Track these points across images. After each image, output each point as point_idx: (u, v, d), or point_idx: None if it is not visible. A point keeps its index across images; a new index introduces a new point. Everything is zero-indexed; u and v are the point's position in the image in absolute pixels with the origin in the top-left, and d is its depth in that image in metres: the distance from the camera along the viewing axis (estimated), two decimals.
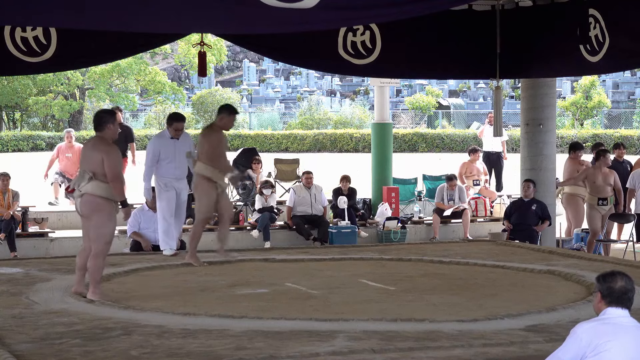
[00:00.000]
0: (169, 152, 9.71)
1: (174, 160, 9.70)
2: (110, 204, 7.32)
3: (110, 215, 7.34)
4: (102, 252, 7.33)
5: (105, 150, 7.31)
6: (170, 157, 9.69)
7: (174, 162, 9.70)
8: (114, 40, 9.87)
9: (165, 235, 9.81)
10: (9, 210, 11.97)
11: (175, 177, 9.76)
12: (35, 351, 5.56)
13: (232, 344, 5.69)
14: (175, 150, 9.72)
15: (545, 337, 5.86)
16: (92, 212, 7.31)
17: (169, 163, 9.69)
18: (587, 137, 28.53)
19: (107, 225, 7.33)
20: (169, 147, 9.72)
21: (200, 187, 9.07)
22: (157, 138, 9.93)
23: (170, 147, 9.72)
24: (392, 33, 10.69)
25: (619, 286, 4.33)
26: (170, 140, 9.74)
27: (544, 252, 10.23)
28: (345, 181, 13.94)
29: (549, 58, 10.76)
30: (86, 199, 7.30)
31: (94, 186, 7.27)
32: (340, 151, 30.37)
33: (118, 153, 7.45)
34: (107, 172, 7.23)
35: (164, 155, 9.70)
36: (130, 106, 33.66)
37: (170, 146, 9.72)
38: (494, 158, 16.70)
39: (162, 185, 9.74)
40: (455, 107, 40.52)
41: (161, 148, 9.72)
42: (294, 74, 50.48)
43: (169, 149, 9.71)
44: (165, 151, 9.70)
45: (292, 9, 6.24)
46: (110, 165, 7.25)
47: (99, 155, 7.28)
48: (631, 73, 44.15)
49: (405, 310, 6.82)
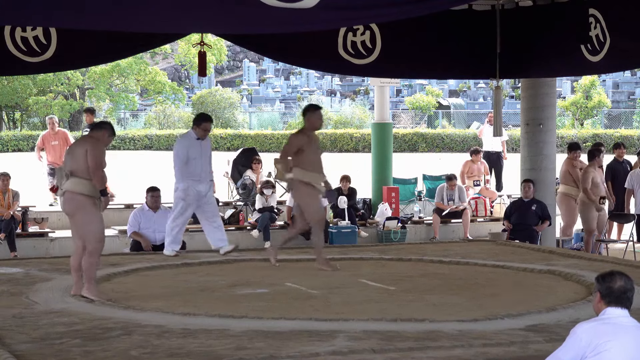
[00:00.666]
0: (196, 153, 9.61)
1: (200, 162, 9.59)
2: (91, 201, 7.28)
3: (94, 212, 7.31)
4: (96, 250, 7.32)
5: (91, 143, 7.32)
6: (196, 159, 9.58)
7: (199, 164, 9.58)
8: (114, 40, 9.87)
9: (169, 236, 9.73)
10: (9, 210, 11.98)
11: (198, 179, 9.60)
12: (35, 351, 5.56)
13: (232, 344, 5.69)
14: (201, 152, 9.63)
15: (545, 337, 5.86)
16: (75, 209, 7.30)
17: (194, 164, 9.57)
18: (587, 137, 28.52)
19: (93, 221, 7.30)
20: (195, 148, 9.62)
21: (303, 192, 8.81)
22: (184, 139, 9.80)
23: (196, 148, 9.62)
24: (392, 33, 10.69)
25: (618, 286, 4.33)
26: (197, 141, 9.63)
27: (544, 252, 10.23)
28: (345, 181, 13.94)
29: (549, 58, 10.76)
30: (67, 197, 7.31)
31: (74, 183, 7.27)
32: (340, 151, 30.35)
33: (103, 148, 7.41)
34: (90, 162, 7.20)
35: (190, 156, 9.58)
36: (130, 106, 33.66)
37: (197, 147, 9.62)
38: (494, 158, 16.70)
39: (185, 189, 9.59)
40: (455, 107, 40.51)
41: (189, 149, 9.61)
42: (294, 74, 50.46)
43: (196, 150, 9.62)
44: (192, 152, 9.60)
45: (292, 9, 6.24)
46: (94, 154, 7.24)
47: (83, 149, 7.29)
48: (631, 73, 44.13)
49: (405, 310, 6.82)
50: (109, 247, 11.70)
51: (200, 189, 9.63)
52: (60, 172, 7.45)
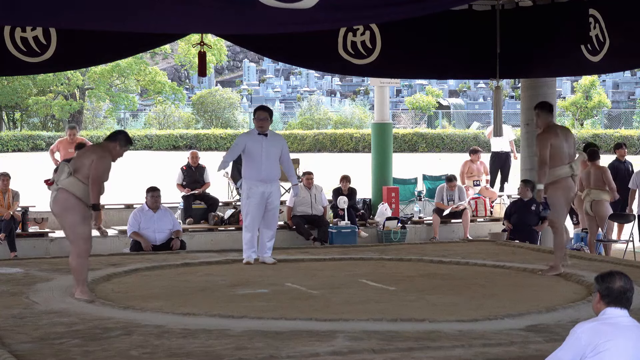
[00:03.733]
0: (256, 149, 9.19)
1: (261, 160, 9.21)
2: (82, 205, 7.27)
3: (84, 216, 7.29)
4: (84, 252, 7.32)
5: (100, 154, 7.31)
6: (256, 156, 9.20)
7: (260, 162, 9.21)
8: (114, 40, 9.86)
9: (246, 245, 9.39)
10: (9, 210, 11.98)
11: (261, 180, 9.25)
12: (35, 351, 5.57)
13: (232, 344, 5.69)
14: (262, 149, 9.22)
15: (545, 337, 5.86)
16: (65, 210, 7.27)
17: (255, 163, 9.21)
18: (587, 137, 28.52)
19: (81, 223, 7.29)
20: (255, 144, 9.20)
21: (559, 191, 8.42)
22: (245, 134, 9.55)
23: (257, 144, 9.20)
24: (392, 33, 10.69)
25: (617, 286, 4.33)
26: (258, 137, 9.25)
27: (544, 252, 10.23)
28: (345, 181, 13.94)
29: (549, 58, 10.76)
30: (60, 195, 7.28)
31: (71, 182, 7.25)
32: (340, 151, 30.37)
33: (110, 162, 7.38)
34: (92, 172, 7.19)
35: (249, 152, 9.21)
36: (130, 106, 33.66)
37: (257, 143, 9.21)
38: (503, 158, 16.54)
39: (248, 190, 9.30)
40: (455, 107, 40.51)
41: (247, 142, 9.22)
42: (294, 74, 50.46)
43: (256, 146, 9.19)
44: (251, 147, 9.19)
45: (292, 9, 6.24)
46: (98, 167, 7.23)
47: (92, 156, 7.29)
48: (631, 73, 44.11)
49: (405, 310, 6.83)
50: (109, 247, 11.75)
51: (262, 190, 9.23)
52: (62, 167, 7.39)
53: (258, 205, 9.32)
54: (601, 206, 11.97)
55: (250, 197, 9.31)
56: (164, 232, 10.91)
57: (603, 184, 11.93)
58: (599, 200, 11.96)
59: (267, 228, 9.44)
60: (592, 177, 12.00)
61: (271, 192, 9.34)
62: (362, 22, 9.80)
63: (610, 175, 11.99)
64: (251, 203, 9.32)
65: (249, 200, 9.33)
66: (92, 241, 7.49)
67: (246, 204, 9.42)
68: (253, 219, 9.35)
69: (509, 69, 11.03)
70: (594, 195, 11.99)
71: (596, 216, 12.01)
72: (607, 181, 11.93)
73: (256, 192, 9.29)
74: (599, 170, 11.99)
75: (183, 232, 11.44)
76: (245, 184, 9.37)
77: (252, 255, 9.38)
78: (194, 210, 13.51)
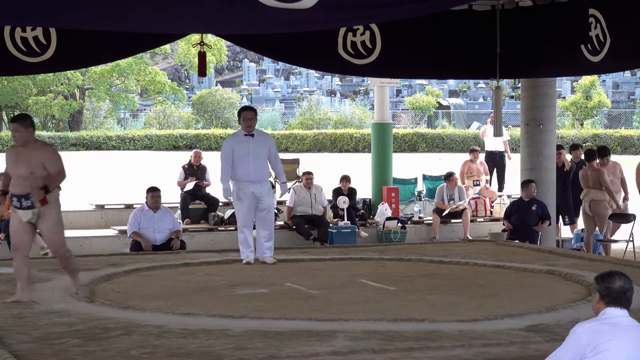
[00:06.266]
0: (243, 151, 9.16)
1: (249, 161, 9.16)
2: None
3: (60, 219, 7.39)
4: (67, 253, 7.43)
5: None
6: (244, 157, 9.15)
7: (249, 163, 9.16)
8: (114, 40, 9.86)
9: (241, 246, 9.35)
10: (9, 210, 11.95)
11: (250, 181, 9.17)
12: (35, 351, 5.57)
13: (232, 344, 5.69)
14: (249, 150, 9.18)
15: (545, 337, 5.86)
16: None
17: (243, 164, 9.15)
18: (587, 137, 28.50)
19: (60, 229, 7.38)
20: (242, 145, 9.17)
21: None
22: (231, 137, 9.45)
23: (244, 145, 9.17)
24: (392, 33, 10.69)
25: (617, 286, 4.33)
26: (245, 138, 9.21)
27: (544, 252, 10.23)
28: (345, 181, 13.94)
29: (549, 58, 10.75)
30: None
31: None
32: (340, 151, 30.35)
33: None
34: None
35: (237, 155, 9.16)
36: (130, 106, 33.65)
37: (244, 144, 9.18)
38: (497, 157, 16.67)
39: (237, 191, 9.23)
40: (455, 107, 40.48)
41: (234, 146, 9.18)
42: (294, 74, 50.44)
43: (243, 148, 9.16)
44: (239, 150, 9.15)
45: (292, 9, 6.24)
46: None
47: None
48: (631, 73, 44.07)
49: (405, 310, 6.83)
50: (109, 247, 11.76)
51: (253, 190, 9.18)
52: None
53: (249, 206, 9.28)
54: (600, 206, 12.00)
55: (240, 198, 9.26)
56: (164, 232, 10.91)
57: (601, 185, 11.96)
58: (597, 200, 11.99)
59: (263, 229, 9.40)
60: (590, 178, 12.03)
61: (262, 192, 9.28)
62: (362, 22, 9.80)
63: (606, 177, 12.00)
64: (242, 204, 9.29)
65: (240, 202, 9.29)
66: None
67: (237, 205, 9.40)
68: (244, 219, 9.32)
69: (509, 69, 11.02)
70: (593, 195, 12.01)
71: (595, 216, 12.03)
72: (603, 182, 11.95)
73: (246, 193, 9.24)
74: (595, 173, 12.01)
75: (183, 232, 11.45)
76: (235, 185, 9.32)
77: (250, 255, 9.35)
78: (193, 211, 13.51)
